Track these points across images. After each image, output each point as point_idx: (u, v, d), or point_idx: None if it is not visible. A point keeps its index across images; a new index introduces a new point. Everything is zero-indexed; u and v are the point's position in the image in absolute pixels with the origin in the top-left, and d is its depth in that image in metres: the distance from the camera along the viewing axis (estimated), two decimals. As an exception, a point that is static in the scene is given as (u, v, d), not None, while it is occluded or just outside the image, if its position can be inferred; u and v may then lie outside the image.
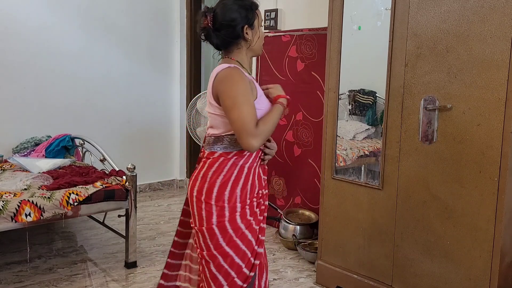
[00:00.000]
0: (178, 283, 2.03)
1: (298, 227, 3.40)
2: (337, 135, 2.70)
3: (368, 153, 2.65)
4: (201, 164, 1.80)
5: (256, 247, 1.77)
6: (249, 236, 1.74)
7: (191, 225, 1.83)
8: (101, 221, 3.39)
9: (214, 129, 1.79)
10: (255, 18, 1.78)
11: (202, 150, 1.86)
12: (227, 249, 1.71)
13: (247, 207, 1.75)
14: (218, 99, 1.71)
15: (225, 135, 1.75)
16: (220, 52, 1.85)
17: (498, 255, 2.05)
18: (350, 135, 2.71)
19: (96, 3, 4.29)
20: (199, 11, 1.80)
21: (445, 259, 2.24)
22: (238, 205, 1.72)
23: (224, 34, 1.75)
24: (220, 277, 1.73)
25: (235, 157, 1.74)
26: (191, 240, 2.00)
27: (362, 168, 2.67)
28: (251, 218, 1.76)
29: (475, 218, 2.11)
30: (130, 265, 3.05)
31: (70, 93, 4.23)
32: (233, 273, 1.73)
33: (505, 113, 1.98)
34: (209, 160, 1.76)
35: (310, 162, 3.57)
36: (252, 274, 1.76)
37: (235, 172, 1.73)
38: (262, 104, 1.75)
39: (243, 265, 1.74)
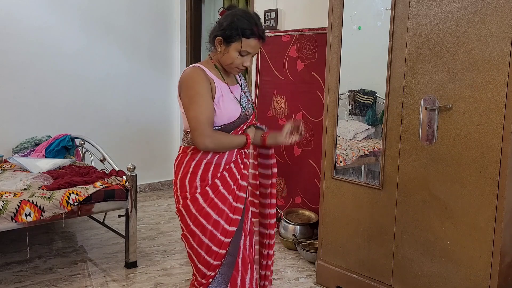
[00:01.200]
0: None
1: (298, 227, 3.40)
2: (337, 135, 2.70)
3: (368, 153, 2.65)
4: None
5: (230, 214, 1.85)
6: (213, 214, 1.82)
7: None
8: (101, 221, 3.39)
9: (184, 125, 1.89)
10: (234, 41, 1.78)
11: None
12: (194, 228, 1.82)
13: (208, 188, 1.83)
14: (181, 97, 1.84)
15: (188, 131, 1.87)
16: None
17: (498, 255, 2.06)
18: (350, 135, 2.71)
19: (96, 3, 4.29)
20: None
21: (445, 259, 2.24)
22: (198, 190, 1.82)
23: (211, 31, 1.87)
24: (193, 256, 1.86)
25: (191, 151, 1.85)
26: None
27: (362, 168, 2.67)
28: (214, 197, 1.83)
29: (475, 218, 2.12)
30: (130, 265, 3.05)
31: (70, 93, 4.23)
32: (203, 253, 1.83)
33: (505, 113, 1.98)
34: (179, 152, 1.91)
35: (310, 162, 3.57)
36: (222, 251, 1.84)
37: (192, 165, 1.83)
38: (222, 105, 1.81)
39: (212, 245, 1.82)
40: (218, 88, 1.81)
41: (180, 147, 1.92)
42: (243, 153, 1.93)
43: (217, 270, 1.84)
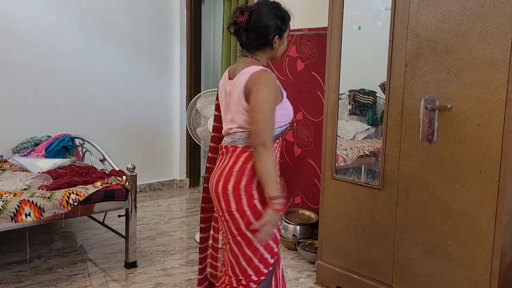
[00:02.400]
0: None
1: (298, 227, 3.40)
2: (337, 135, 2.70)
3: (368, 153, 2.65)
4: (226, 158, 1.86)
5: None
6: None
7: (218, 214, 1.90)
8: (101, 221, 3.39)
9: (238, 124, 1.83)
10: (286, 29, 1.87)
11: (223, 145, 1.91)
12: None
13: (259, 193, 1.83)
14: (249, 98, 1.78)
15: (249, 130, 1.82)
16: (241, 50, 1.92)
17: (498, 255, 2.06)
18: (350, 135, 2.71)
19: (96, 3, 4.29)
20: (236, 8, 1.86)
21: (445, 259, 2.24)
22: (255, 192, 1.81)
23: (255, 38, 1.83)
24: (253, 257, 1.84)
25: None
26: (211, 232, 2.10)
27: (362, 168, 2.67)
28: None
29: (475, 218, 2.11)
30: (130, 265, 3.05)
31: (70, 93, 4.23)
32: (271, 243, 1.87)
33: (505, 113, 1.98)
34: (235, 153, 1.84)
35: (310, 162, 3.57)
36: (279, 236, 1.92)
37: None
38: (287, 104, 1.88)
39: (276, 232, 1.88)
40: (282, 90, 1.86)
41: (237, 146, 1.84)
42: None
43: (275, 257, 1.92)
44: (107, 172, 3.26)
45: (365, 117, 2.69)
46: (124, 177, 3.04)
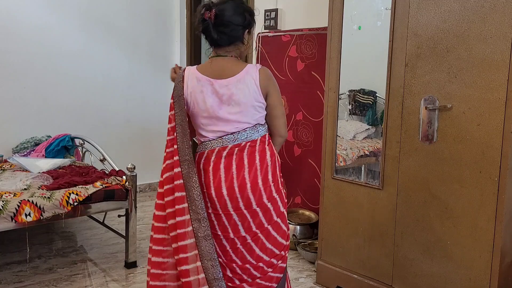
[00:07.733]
0: None
1: (298, 227, 3.40)
2: (337, 135, 2.70)
3: (368, 153, 2.65)
4: (245, 155, 1.88)
5: None
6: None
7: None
8: (101, 221, 3.39)
9: (245, 120, 1.87)
10: (253, 26, 1.90)
11: (228, 146, 1.89)
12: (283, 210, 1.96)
13: None
14: (266, 95, 1.89)
15: (259, 124, 1.91)
16: (211, 48, 1.93)
17: (498, 255, 2.06)
18: (350, 135, 2.71)
19: (96, 3, 4.29)
20: (201, 5, 1.84)
21: (445, 259, 2.24)
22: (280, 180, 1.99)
23: (228, 33, 1.83)
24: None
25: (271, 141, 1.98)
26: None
27: (362, 168, 2.67)
28: None
29: (475, 218, 2.11)
30: (130, 265, 3.05)
31: (70, 93, 4.23)
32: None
33: (505, 113, 1.98)
34: (257, 147, 1.89)
35: (310, 162, 3.57)
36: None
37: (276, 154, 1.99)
38: None
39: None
40: None
41: (255, 140, 1.89)
42: None
43: None
44: (107, 172, 3.26)
45: (365, 117, 2.69)
46: (124, 177, 3.04)
